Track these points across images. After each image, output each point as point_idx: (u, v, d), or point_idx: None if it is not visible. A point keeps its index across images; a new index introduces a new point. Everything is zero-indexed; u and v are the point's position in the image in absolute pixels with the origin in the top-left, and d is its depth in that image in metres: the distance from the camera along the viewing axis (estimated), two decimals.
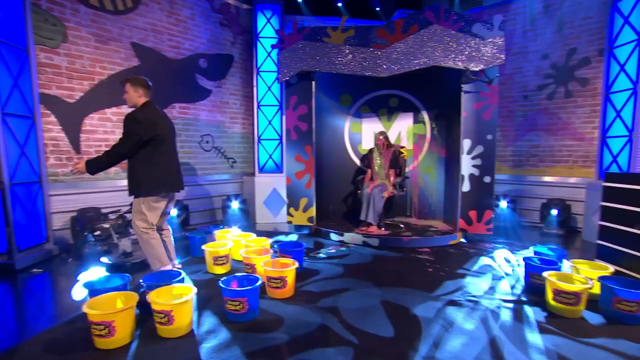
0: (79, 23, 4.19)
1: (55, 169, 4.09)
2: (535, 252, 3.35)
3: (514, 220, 5.11)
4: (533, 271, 2.83)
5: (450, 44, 4.06)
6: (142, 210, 2.78)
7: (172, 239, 3.14)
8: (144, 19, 4.72)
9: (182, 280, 2.65)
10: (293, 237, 4.63)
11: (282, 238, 4.57)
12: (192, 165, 5.38)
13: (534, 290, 2.82)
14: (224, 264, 3.31)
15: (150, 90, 2.84)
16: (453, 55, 4.07)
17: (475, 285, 2.99)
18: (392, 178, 4.58)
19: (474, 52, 4.01)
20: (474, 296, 2.74)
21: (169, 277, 2.68)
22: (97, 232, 3.33)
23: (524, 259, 2.97)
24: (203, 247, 3.35)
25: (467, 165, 4.31)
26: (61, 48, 4.08)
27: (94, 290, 2.45)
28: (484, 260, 3.62)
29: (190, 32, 5.20)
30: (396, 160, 4.68)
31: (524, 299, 2.72)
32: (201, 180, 5.46)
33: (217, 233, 3.96)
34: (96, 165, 2.65)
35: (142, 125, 2.61)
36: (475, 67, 4.03)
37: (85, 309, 2.08)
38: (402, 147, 4.90)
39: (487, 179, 4.27)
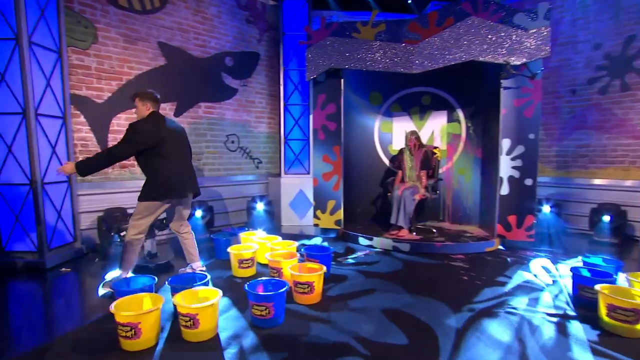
0: (108, 24, 4.35)
1: None
2: (585, 263, 3.19)
3: (558, 227, 4.89)
4: (582, 283, 2.69)
5: (490, 36, 3.93)
6: (138, 215, 2.85)
7: (194, 241, 3.19)
8: (171, 18, 4.85)
9: (207, 283, 2.68)
10: (319, 241, 4.63)
11: (307, 241, 4.58)
12: (217, 166, 5.46)
13: (582, 304, 2.67)
14: (249, 267, 3.33)
15: (157, 103, 2.95)
16: (492, 49, 3.94)
17: (515, 296, 2.88)
18: (424, 180, 4.51)
19: (516, 45, 3.86)
20: (513, 308, 2.64)
21: (194, 280, 2.71)
22: (123, 233, 3.43)
23: (572, 269, 2.83)
24: (228, 249, 3.38)
25: (506, 167, 4.17)
26: (91, 49, 4.25)
27: (120, 291, 2.51)
28: (524, 270, 3.50)
29: (216, 30, 5.29)
30: (428, 161, 4.59)
31: (571, 313, 2.58)
32: (226, 181, 5.53)
33: (243, 235, 4.00)
34: (86, 167, 2.72)
35: (141, 135, 2.73)
36: (516, 61, 3.88)
37: (112, 310, 2.12)
38: (435, 148, 4.80)
39: (528, 182, 4.12)
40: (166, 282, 2.69)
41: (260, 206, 5.42)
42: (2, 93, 3.46)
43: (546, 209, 4.98)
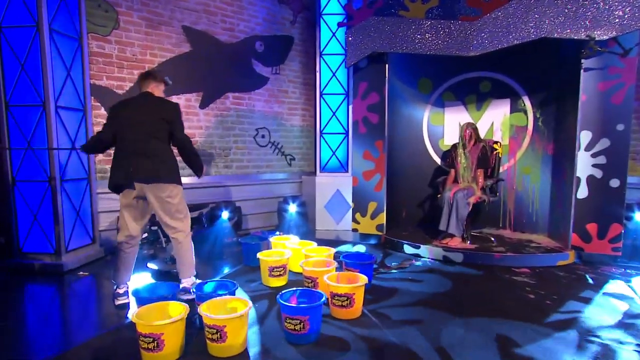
0: (130, 7, 4.48)
1: (104, 166, 4.39)
2: None
3: None
4: None
5: (568, 6, 3.67)
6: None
7: (183, 249, 2.95)
8: (196, 0, 4.92)
9: (234, 293, 2.68)
10: (359, 248, 4.61)
11: (345, 248, 4.58)
12: (246, 163, 5.52)
13: None
14: (280, 275, 3.33)
15: (141, 82, 3.00)
16: (571, 22, 3.67)
17: (598, 321, 2.67)
18: (480, 180, 4.34)
19: (603, 15, 3.57)
20: (595, 335, 2.46)
21: (222, 288, 2.73)
22: (145, 235, 3.49)
23: None
24: (258, 255, 3.39)
25: (584, 165, 3.92)
26: (112, 35, 4.38)
27: (141, 298, 2.53)
28: (608, 289, 3.26)
29: (245, 12, 5.33)
30: (486, 158, 4.40)
31: None
32: (255, 180, 5.59)
33: (273, 240, 4.01)
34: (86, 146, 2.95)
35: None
36: (603, 35, 3.58)
37: (133, 318, 2.14)
38: (496, 142, 4.58)
39: (614, 183, 3.83)
40: (191, 290, 2.69)
41: (292, 208, 5.44)
42: (22, 84, 3.63)
43: (638, 216, 4.58)
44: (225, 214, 4.77)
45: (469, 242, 4.30)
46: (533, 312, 2.82)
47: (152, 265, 3.56)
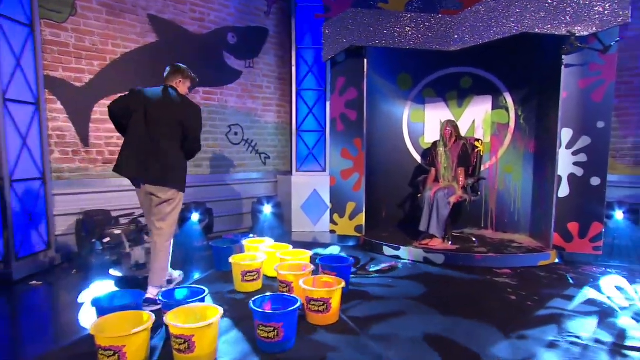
0: None
1: (60, 165, 4.26)
2: None
3: (635, 237, 4.65)
4: None
5: (549, 1, 3.78)
6: None
7: (158, 252, 2.99)
8: None
9: (203, 300, 2.64)
10: (337, 250, 4.62)
11: (323, 251, 4.58)
12: (218, 162, 5.46)
13: None
14: (254, 280, 3.32)
15: (168, 74, 3.17)
16: (552, 17, 3.78)
17: (578, 321, 2.76)
18: (461, 179, 4.42)
19: (583, 10, 3.70)
20: (576, 336, 2.53)
21: (191, 295, 2.69)
22: (107, 239, 3.40)
23: None
24: (230, 259, 3.37)
25: (566, 163, 4.04)
26: (69, 23, 4.24)
27: (102, 308, 2.47)
28: (589, 289, 3.37)
29: (216, 1, 5.28)
30: (467, 156, 4.49)
31: None
32: (228, 179, 5.54)
33: (247, 243, 4.00)
34: None
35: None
36: (583, 31, 3.71)
37: (92, 330, 2.07)
38: (477, 140, 4.67)
39: (595, 181, 3.95)
40: (157, 298, 2.63)
41: (267, 209, 5.41)
42: None
43: (619, 215, 4.75)
44: (195, 216, 4.71)
45: (450, 242, 4.36)
46: (514, 313, 2.87)
47: (114, 272, 3.47)
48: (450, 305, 3.04)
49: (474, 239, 4.57)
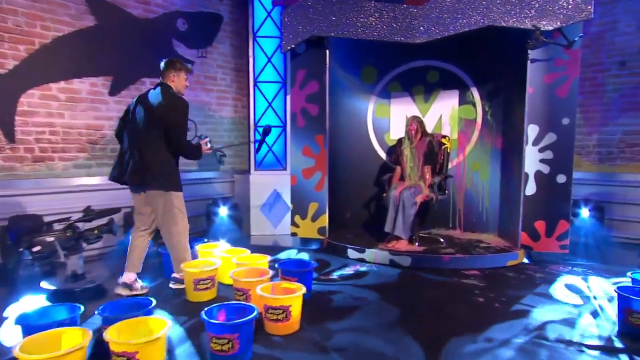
0: None
1: None
2: (634, 280, 3.18)
3: (600, 235, 4.92)
4: (630, 307, 2.67)
5: None
6: None
7: (170, 250, 3.49)
8: None
9: (150, 312, 2.56)
10: (299, 254, 4.63)
11: (284, 255, 4.58)
12: None
13: (630, 334, 2.66)
14: (208, 288, 3.28)
15: (162, 72, 3.40)
16: (517, 11, 3.93)
17: (545, 322, 2.87)
18: (428, 177, 4.51)
19: (548, 5, 3.86)
20: (543, 338, 2.63)
21: (136, 307, 2.60)
22: (37, 248, 3.24)
23: (618, 289, 2.82)
24: (182, 266, 3.34)
25: (532, 160, 4.19)
26: None
27: (29, 326, 2.34)
28: (556, 289, 3.51)
29: None
30: (433, 153, 4.59)
31: (617, 345, 2.57)
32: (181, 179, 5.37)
33: (200, 248, 3.96)
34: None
35: None
36: (548, 26, 3.87)
37: (16, 352, 1.96)
38: (444, 137, 4.77)
39: (561, 179, 4.13)
40: (96, 312, 2.53)
41: (223, 211, 5.35)
42: None
43: (584, 212, 5.02)
44: None
45: (417, 244, 4.44)
46: (482, 316, 2.96)
47: (46, 285, 3.30)
48: (417, 310, 3.09)
49: (442, 240, 4.67)
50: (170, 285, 3.51)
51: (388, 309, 3.09)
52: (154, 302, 2.63)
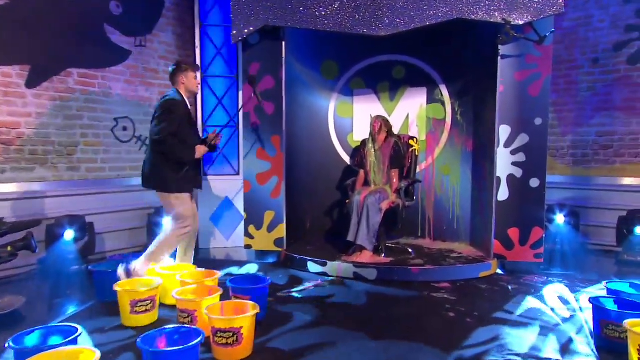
0: None
1: None
2: (609, 291, 3.31)
3: (575, 243, 5.07)
4: (606, 318, 2.76)
5: None
6: None
7: (159, 239, 3.79)
8: None
9: (75, 341, 2.43)
10: (253, 269, 4.60)
11: (237, 270, 4.53)
12: (101, 164, 5.17)
13: (607, 347, 2.75)
14: (147, 311, 3.19)
15: (170, 79, 3.92)
16: (486, 4, 4.03)
17: (518, 337, 2.93)
18: (395, 182, 4.54)
19: None
20: (516, 354, 2.68)
21: (59, 336, 2.48)
22: None
23: (592, 299, 2.92)
24: (116, 286, 3.21)
25: (504, 163, 4.30)
26: None
27: None
28: (530, 301, 3.60)
29: None
30: (400, 156, 4.66)
31: (591, 359, 2.65)
32: (115, 186, 5.27)
33: None
34: None
35: None
36: (518, 20, 4.00)
37: None
38: (412, 138, 4.84)
39: (534, 183, 4.26)
40: (6, 345, 2.36)
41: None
42: None
43: (559, 218, 5.15)
44: (69, 234, 4.38)
45: (383, 255, 4.46)
46: (453, 332, 3.00)
47: None
48: (384, 327, 3.09)
49: (410, 250, 4.72)
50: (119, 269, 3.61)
51: (352, 328, 3.08)
52: (80, 330, 2.50)
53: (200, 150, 3.78)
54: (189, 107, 3.87)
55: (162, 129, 3.55)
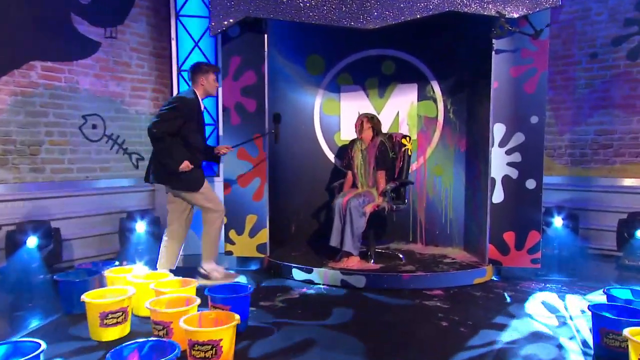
0: None
1: None
2: (609, 297, 3.33)
3: (574, 247, 5.13)
4: (606, 326, 2.77)
5: None
6: None
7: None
8: None
9: (37, 358, 2.35)
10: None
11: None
12: (68, 165, 5.13)
13: (607, 356, 2.76)
14: (119, 323, 3.14)
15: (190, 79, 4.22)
16: None
17: (515, 348, 2.94)
18: (381, 183, 4.55)
19: None
20: None
21: (17, 354, 2.41)
22: None
23: (591, 307, 2.93)
24: (83, 297, 3.15)
25: (499, 164, 4.33)
26: None
27: None
28: (527, 309, 3.62)
29: None
30: (386, 156, 4.64)
31: None
32: (83, 189, 5.24)
33: (109, 274, 3.82)
34: None
35: None
36: (513, 13, 4.02)
37: None
38: (405, 137, 4.83)
39: (531, 184, 4.29)
40: None
41: (140, 227, 5.19)
42: None
43: (557, 221, 5.20)
44: (32, 240, 4.33)
45: (372, 261, 4.46)
46: (446, 342, 3.00)
47: None
48: (373, 338, 3.09)
49: (401, 256, 4.71)
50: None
51: (340, 339, 3.07)
52: (44, 345, 2.42)
53: (184, 166, 3.92)
54: (202, 108, 4.15)
55: (159, 120, 3.85)
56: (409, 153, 4.79)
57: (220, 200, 4.38)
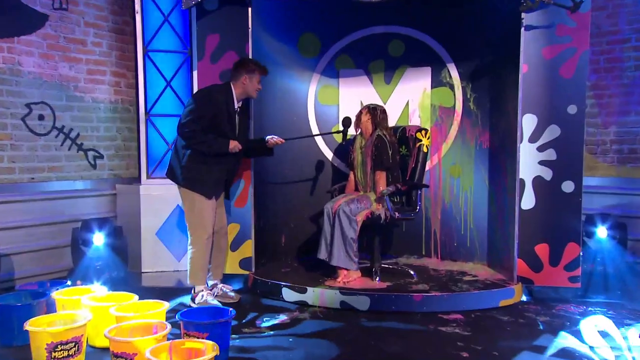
0: None
1: None
2: None
3: (621, 262, 5.10)
4: None
5: None
6: None
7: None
8: None
9: None
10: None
11: (189, 300, 4.47)
12: (8, 163, 5.11)
13: None
14: (70, 356, 3.08)
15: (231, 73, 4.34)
16: None
17: None
18: (380, 185, 4.53)
19: None
20: None
21: None
22: None
23: None
24: (27, 325, 3.09)
25: (530, 163, 4.34)
26: None
27: None
28: (566, 337, 3.58)
29: None
30: (383, 153, 4.54)
31: None
32: (27, 192, 5.21)
33: (59, 296, 3.77)
34: None
35: None
36: None
37: None
38: (420, 130, 4.79)
39: (568, 187, 4.29)
40: None
41: (98, 238, 5.14)
42: None
43: (600, 231, 5.17)
44: None
45: (377, 279, 4.45)
46: None
47: None
48: None
49: (412, 272, 4.71)
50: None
51: None
52: None
53: (233, 146, 4.09)
54: (236, 106, 4.27)
55: (188, 118, 4.07)
56: (425, 150, 4.75)
57: (205, 228, 4.28)
